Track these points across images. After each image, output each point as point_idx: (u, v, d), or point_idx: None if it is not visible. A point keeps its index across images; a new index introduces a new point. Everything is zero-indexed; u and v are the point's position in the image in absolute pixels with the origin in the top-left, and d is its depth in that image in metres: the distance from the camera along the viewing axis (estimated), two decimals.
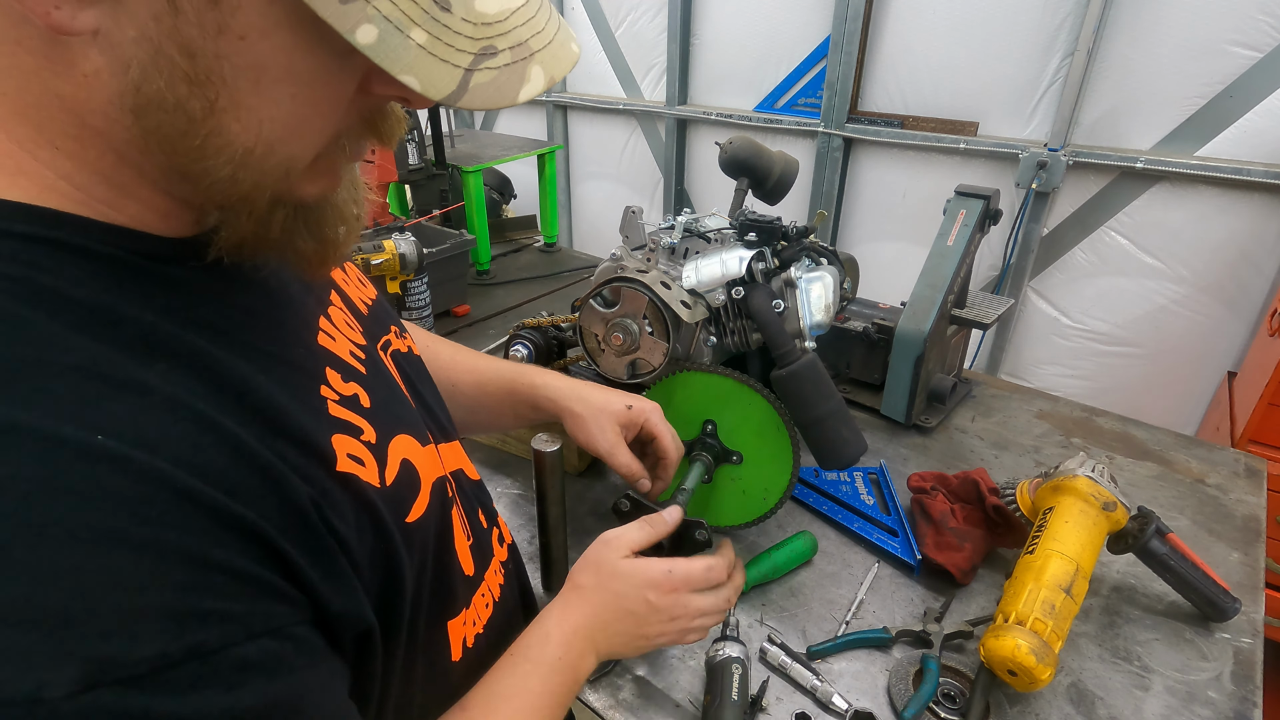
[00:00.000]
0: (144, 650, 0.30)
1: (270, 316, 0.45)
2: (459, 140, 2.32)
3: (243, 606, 0.34)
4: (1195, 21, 2.09)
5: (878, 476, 1.14)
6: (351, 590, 0.41)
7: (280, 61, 0.34)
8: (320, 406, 0.44)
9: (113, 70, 0.32)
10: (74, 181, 0.36)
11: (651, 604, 0.65)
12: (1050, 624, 0.75)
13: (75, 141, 0.35)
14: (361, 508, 0.43)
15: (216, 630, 0.32)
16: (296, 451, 0.39)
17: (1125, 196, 2.36)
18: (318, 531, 0.38)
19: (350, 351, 0.50)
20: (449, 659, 0.56)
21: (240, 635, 0.33)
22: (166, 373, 0.35)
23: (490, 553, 0.65)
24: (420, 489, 0.50)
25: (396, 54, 0.33)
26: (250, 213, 0.39)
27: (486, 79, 0.35)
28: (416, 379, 0.62)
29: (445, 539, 0.54)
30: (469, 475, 0.66)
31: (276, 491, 0.37)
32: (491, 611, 0.64)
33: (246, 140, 0.35)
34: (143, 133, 0.34)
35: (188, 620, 0.31)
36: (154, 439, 0.32)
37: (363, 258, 1.39)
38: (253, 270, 0.43)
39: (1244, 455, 1.21)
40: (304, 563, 0.37)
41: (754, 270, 0.89)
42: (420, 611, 0.51)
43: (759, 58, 3.03)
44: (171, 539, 0.31)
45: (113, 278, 0.36)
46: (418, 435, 0.52)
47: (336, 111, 0.38)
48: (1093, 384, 2.61)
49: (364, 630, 0.42)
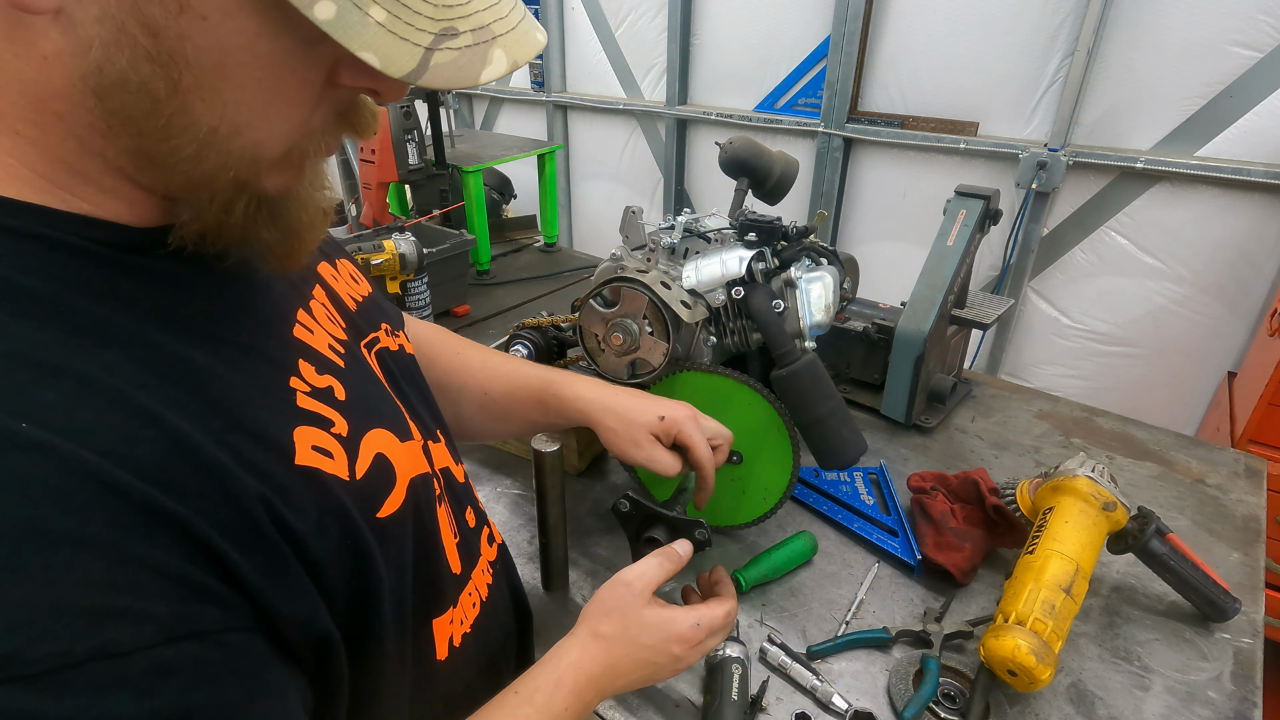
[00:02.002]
0: (45, 647, 0.28)
1: (238, 307, 0.44)
2: (459, 140, 2.32)
3: (164, 607, 0.32)
4: (1195, 21, 2.08)
5: (878, 476, 1.14)
6: (304, 593, 0.39)
7: (243, 44, 0.34)
8: (287, 398, 0.43)
9: (74, 50, 0.32)
10: (36, 169, 0.35)
11: (675, 656, 0.64)
12: (1050, 624, 0.75)
13: (36, 127, 0.35)
14: (326, 502, 0.42)
15: (130, 630, 0.30)
16: (252, 444, 0.38)
17: (1125, 196, 2.36)
18: (263, 530, 0.37)
19: (329, 345, 0.50)
20: (434, 658, 0.56)
21: (157, 637, 0.31)
22: (115, 363, 0.34)
23: (478, 552, 0.65)
24: (395, 484, 0.49)
25: (355, 30, 0.33)
26: (213, 199, 0.38)
27: (447, 59, 0.36)
28: (403, 377, 0.61)
29: (429, 536, 0.54)
30: (455, 476, 0.65)
31: (218, 488, 0.35)
32: (479, 611, 0.63)
33: (211, 120, 0.35)
34: (105, 115, 0.34)
35: (101, 618, 0.30)
36: (85, 429, 0.31)
37: (363, 258, 1.39)
38: (219, 260, 0.42)
39: (1244, 455, 1.21)
40: (245, 563, 0.35)
41: (754, 270, 0.89)
42: (404, 608, 0.50)
43: (759, 58, 3.02)
44: (91, 532, 0.30)
45: (69, 266, 0.36)
46: (397, 431, 0.52)
47: (306, 100, 0.38)
48: (1093, 384, 2.61)
49: (322, 635, 0.41)
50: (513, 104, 4.16)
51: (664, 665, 0.64)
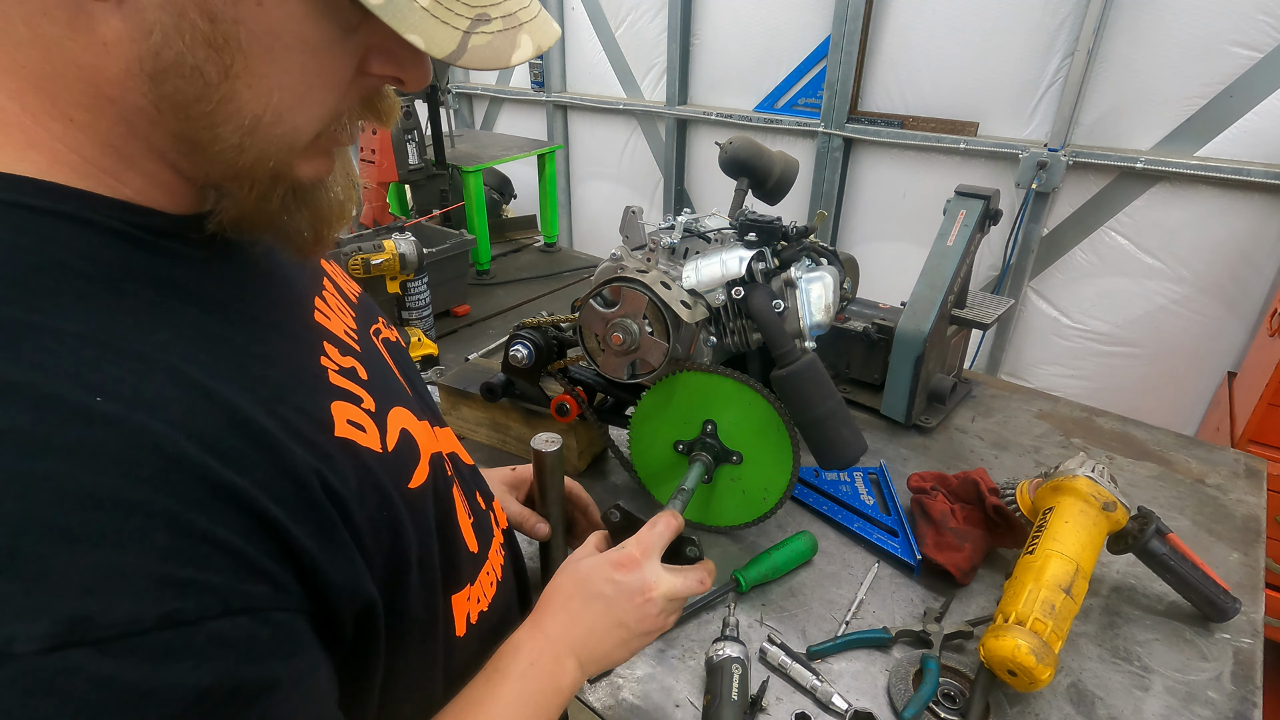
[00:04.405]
0: (118, 613, 0.29)
1: (268, 291, 0.46)
2: (459, 140, 2.32)
3: (222, 580, 0.33)
4: (1195, 21, 2.09)
5: (878, 476, 1.14)
6: (351, 560, 0.40)
7: (293, 29, 0.35)
8: (321, 374, 0.45)
9: (134, 36, 0.33)
10: (83, 154, 0.36)
11: (617, 582, 0.64)
12: (1050, 624, 0.75)
13: (89, 112, 0.36)
14: (363, 473, 0.43)
15: (194, 601, 0.31)
16: (298, 417, 0.39)
17: (1125, 196, 2.36)
18: (317, 499, 0.38)
19: (345, 330, 0.52)
20: (454, 634, 0.57)
21: (216, 609, 0.32)
22: (167, 342, 0.36)
23: (491, 533, 0.66)
24: (420, 458, 0.51)
25: (403, 14, 0.35)
26: (252, 187, 0.40)
27: (482, 42, 0.38)
28: (405, 366, 0.64)
29: (448, 512, 0.55)
30: (463, 459, 0.67)
31: (273, 459, 0.36)
32: (495, 590, 0.64)
33: (256, 107, 0.36)
34: (157, 99, 0.35)
35: (166, 587, 0.31)
36: (151, 403, 0.33)
37: (363, 257, 1.39)
38: (249, 247, 0.44)
39: (1244, 455, 1.21)
40: (299, 531, 0.37)
41: (754, 270, 0.89)
42: (431, 581, 0.51)
43: (759, 58, 3.03)
44: (159, 502, 0.31)
45: (117, 250, 0.37)
46: (413, 410, 0.54)
47: (339, 87, 0.40)
48: (1093, 384, 2.61)
49: (365, 605, 0.42)
50: (513, 104, 4.16)
51: (614, 598, 0.64)
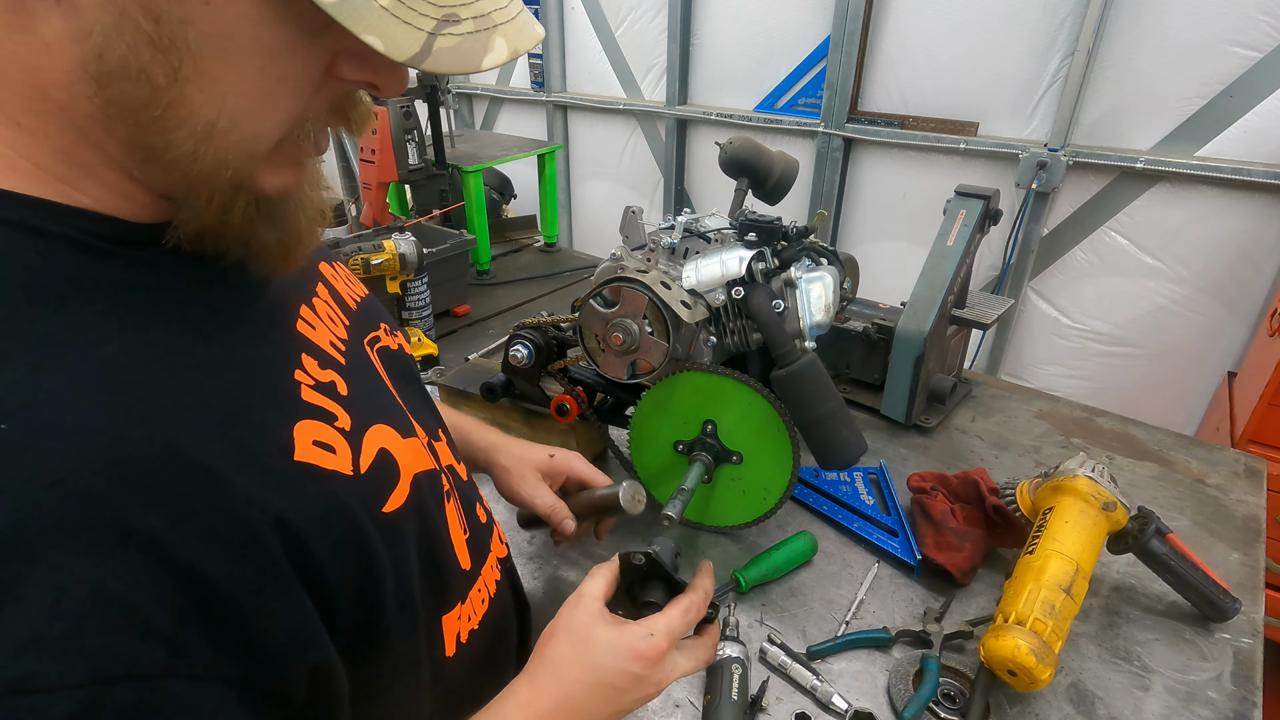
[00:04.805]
0: None
1: (241, 301, 0.44)
2: (459, 140, 2.32)
3: (101, 642, 0.29)
4: (1195, 21, 2.08)
5: (878, 476, 1.14)
6: (298, 607, 0.37)
7: (247, 31, 0.33)
8: (292, 390, 0.43)
9: (75, 36, 0.32)
10: (35, 161, 0.35)
11: (635, 676, 0.57)
12: (1050, 624, 0.75)
13: (37, 117, 0.34)
14: (328, 498, 0.41)
15: (58, 664, 0.28)
16: (256, 437, 0.38)
17: (1125, 196, 2.36)
18: (258, 537, 0.35)
19: (330, 342, 0.50)
20: (443, 654, 0.56)
21: (85, 676, 0.28)
22: (112, 358, 0.34)
23: (488, 549, 0.65)
24: (399, 480, 0.49)
25: (360, 14, 0.33)
26: (211, 197, 0.38)
27: (450, 44, 0.36)
28: (404, 376, 0.62)
29: (436, 532, 0.54)
30: (460, 474, 0.65)
31: (207, 494, 0.34)
32: (488, 608, 0.63)
33: (210, 113, 0.35)
34: (105, 104, 0.34)
35: (27, 648, 0.27)
36: (68, 433, 0.31)
37: (363, 257, 1.39)
38: (217, 258, 0.42)
39: (1244, 455, 1.21)
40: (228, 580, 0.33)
41: (754, 270, 0.89)
42: (411, 604, 0.50)
43: (759, 58, 3.02)
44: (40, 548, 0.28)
45: (67, 261, 0.35)
46: (399, 427, 0.51)
47: (303, 92, 0.38)
48: (1093, 384, 2.61)
49: (320, 658, 0.39)
50: (513, 104, 4.15)
51: (627, 690, 0.56)
